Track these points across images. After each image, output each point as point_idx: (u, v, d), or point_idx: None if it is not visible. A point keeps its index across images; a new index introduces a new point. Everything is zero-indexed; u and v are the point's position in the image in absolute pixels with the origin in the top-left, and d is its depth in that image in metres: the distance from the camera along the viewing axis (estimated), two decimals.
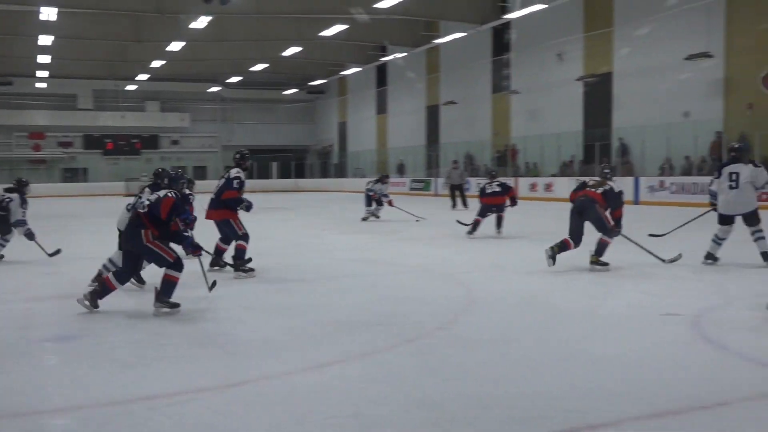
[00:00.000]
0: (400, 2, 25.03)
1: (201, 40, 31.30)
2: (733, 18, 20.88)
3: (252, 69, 39.41)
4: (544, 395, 3.92)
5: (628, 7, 23.98)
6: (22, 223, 9.50)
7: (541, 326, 5.62)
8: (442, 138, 35.22)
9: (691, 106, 22.01)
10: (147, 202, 6.22)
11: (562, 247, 8.04)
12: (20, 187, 9.64)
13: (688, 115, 22.02)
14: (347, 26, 28.99)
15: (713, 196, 8.62)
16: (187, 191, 8.11)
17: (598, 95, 25.76)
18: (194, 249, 6.43)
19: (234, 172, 8.28)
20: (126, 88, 43.16)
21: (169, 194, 6.21)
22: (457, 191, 21.20)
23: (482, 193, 12.50)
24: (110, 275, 6.35)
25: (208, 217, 8.43)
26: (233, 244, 8.37)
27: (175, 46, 30.98)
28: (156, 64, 36.10)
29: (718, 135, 20.87)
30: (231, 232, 8.34)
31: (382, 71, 40.38)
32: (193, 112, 46.68)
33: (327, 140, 48.81)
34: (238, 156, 8.51)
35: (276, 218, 18.44)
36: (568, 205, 8.37)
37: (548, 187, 25.07)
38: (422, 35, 31.94)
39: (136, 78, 40.92)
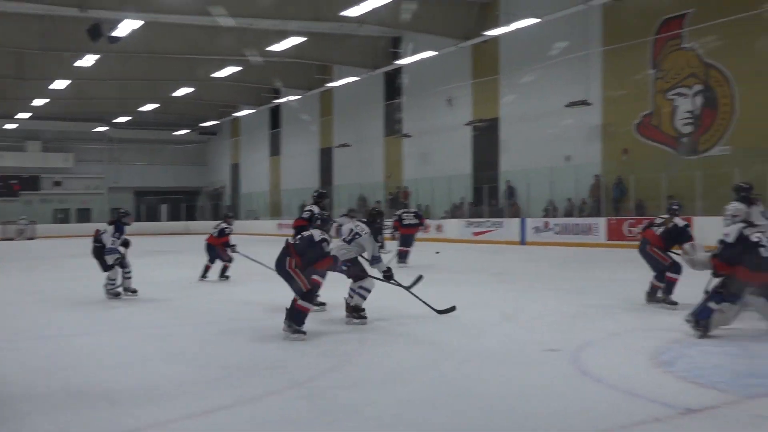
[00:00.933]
0: (293, 46, 25.34)
1: (87, 79, 30.44)
2: (609, 68, 22.28)
3: (141, 109, 38.61)
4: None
5: (512, 56, 25.13)
6: (111, 251, 9.59)
7: (431, 364, 5.74)
8: (335, 180, 35.50)
9: (572, 151, 23.18)
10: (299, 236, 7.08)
11: (669, 289, 8.04)
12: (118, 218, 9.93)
13: (569, 159, 23.18)
14: (240, 68, 29.01)
15: None
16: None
17: (486, 139, 26.73)
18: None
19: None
20: (4, 127, 41.25)
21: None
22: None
23: (401, 224, 13.66)
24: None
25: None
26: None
27: (60, 84, 29.98)
28: (38, 102, 34.77)
29: (596, 178, 22.05)
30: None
31: (275, 113, 40.47)
32: (77, 153, 45.08)
33: (219, 182, 48.19)
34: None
35: (163, 262, 17.97)
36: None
37: (439, 228, 25.65)
38: (316, 78, 32.31)
39: (16, 116, 39.22)
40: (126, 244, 9.85)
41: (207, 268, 12.24)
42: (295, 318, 6.65)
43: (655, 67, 21.05)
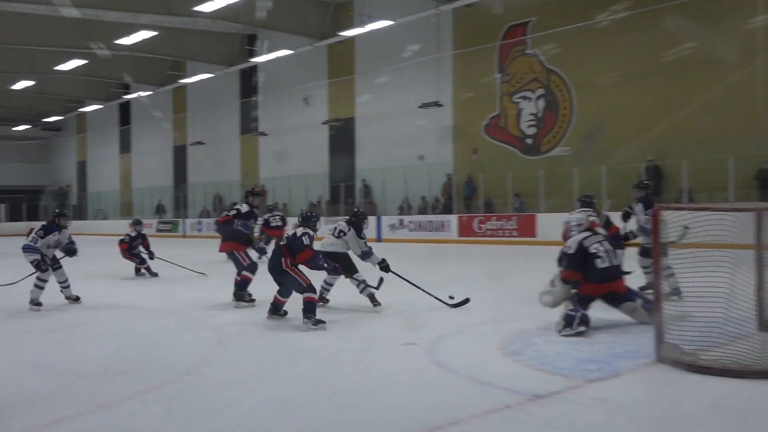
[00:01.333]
0: (143, 40, 24.34)
1: None
2: (460, 72, 23.04)
3: None
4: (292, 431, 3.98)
5: (368, 57, 25.42)
6: (27, 249, 8.91)
7: (290, 363, 5.70)
8: (190, 178, 34.48)
9: (425, 150, 23.78)
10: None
11: None
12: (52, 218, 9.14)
13: (422, 159, 23.76)
14: (86, 61, 27.53)
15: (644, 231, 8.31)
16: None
17: (342, 138, 26.89)
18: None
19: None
20: None
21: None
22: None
23: (267, 226, 13.97)
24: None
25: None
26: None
27: None
28: None
29: (448, 177, 22.75)
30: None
31: (125, 109, 38.73)
32: None
33: (64, 180, 45.47)
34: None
35: (7, 265, 16.68)
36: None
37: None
38: (168, 74, 31.24)
39: None
40: (70, 252, 9.15)
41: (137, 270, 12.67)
42: (309, 311, 6.92)
43: (502, 71, 22.00)
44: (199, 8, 20.62)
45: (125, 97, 35.94)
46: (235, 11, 21.99)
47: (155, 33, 24.23)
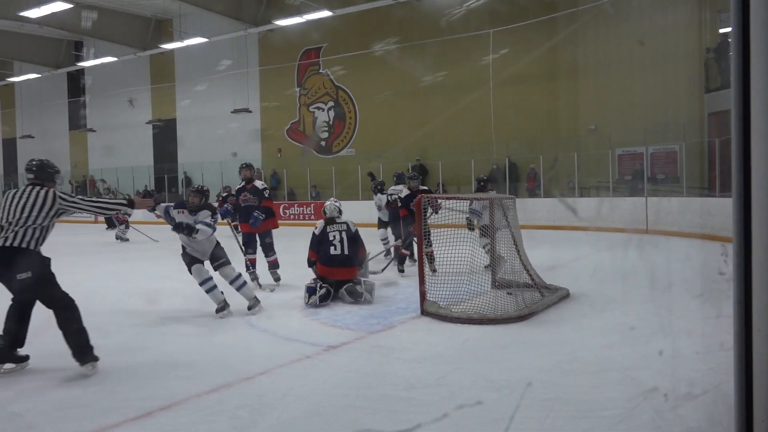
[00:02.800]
0: None
1: None
2: (265, 84, 22.56)
3: None
4: (119, 389, 3.69)
5: (187, 67, 24.06)
6: None
7: (111, 334, 5.27)
8: (20, 169, 30.58)
9: (237, 148, 23.07)
10: None
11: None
12: None
13: (235, 155, 23.05)
14: None
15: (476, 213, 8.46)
16: None
17: (165, 136, 25.30)
18: None
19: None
20: None
21: None
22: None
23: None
24: None
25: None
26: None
27: None
28: None
29: (257, 170, 22.21)
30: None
31: None
32: None
33: None
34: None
35: None
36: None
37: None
38: None
39: None
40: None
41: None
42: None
43: (300, 86, 21.90)
44: (24, 13, 18.21)
45: None
46: (61, 19, 19.75)
47: None
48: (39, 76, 25.82)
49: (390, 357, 4.33)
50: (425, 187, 8.24)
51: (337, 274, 6.26)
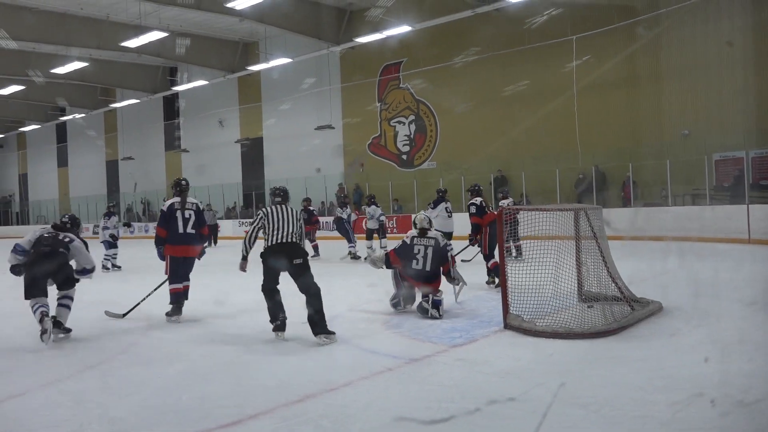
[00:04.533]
0: (75, 69, 22.93)
1: None
2: (347, 101, 23.04)
3: None
4: (211, 397, 3.86)
5: (272, 87, 25.00)
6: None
7: (205, 342, 5.52)
8: (121, 188, 32.72)
9: (321, 164, 23.65)
10: None
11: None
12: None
13: (319, 171, 23.64)
14: (24, 87, 25.61)
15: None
16: None
17: (252, 154, 26.34)
18: None
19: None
20: None
21: None
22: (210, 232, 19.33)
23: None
24: None
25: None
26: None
27: None
28: None
29: (339, 186, 22.69)
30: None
31: (62, 128, 36.20)
32: None
33: (7, 190, 42.05)
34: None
35: None
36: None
37: (217, 227, 24.72)
38: (100, 99, 29.52)
39: None
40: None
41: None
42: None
43: (381, 101, 22.20)
44: (125, 44, 19.60)
45: (61, 118, 33.63)
46: (157, 47, 21.05)
47: (86, 64, 22.83)
48: (138, 101, 27.57)
49: (472, 371, 4.30)
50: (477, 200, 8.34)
51: (419, 287, 6.33)
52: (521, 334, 5.18)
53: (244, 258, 5.70)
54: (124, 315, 6.72)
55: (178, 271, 6.53)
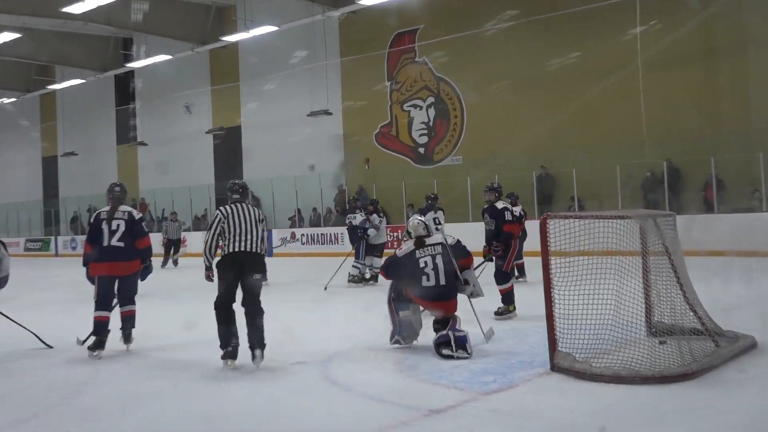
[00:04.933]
0: (5, 42, 23.15)
1: None
2: (348, 79, 23.15)
3: None
4: None
5: (253, 63, 25.16)
6: None
7: (170, 388, 5.51)
8: (62, 192, 32.96)
9: (315, 160, 23.74)
10: None
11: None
12: None
13: (313, 168, 23.71)
14: None
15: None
16: None
17: (228, 148, 26.51)
18: None
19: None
20: None
21: None
22: (173, 246, 19.12)
23: None
24: None
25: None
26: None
27: None
28: None
29: (340, 188, 22.74)
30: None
31: None
32: None
33: None
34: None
35: None
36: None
37: (184, 242, 24.84)
38: (35, 79, 29.79)
39: None
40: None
41: None
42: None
43: (391, 79, 22.29)
44: (67, 9, 19.74)
45: None
46: (108, 13, 21.25)
47: (18, 35, 23.04)
48: (83, 81, 27.81)
49: (511, 425, 4.27)
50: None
51: (437, 310, 6.33)
52: (573, 378, 5.15)
53: (209, 268, 6.17)
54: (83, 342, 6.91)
55: (106, 295, 6.74)
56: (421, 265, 6.41)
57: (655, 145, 16.81)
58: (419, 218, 6.85)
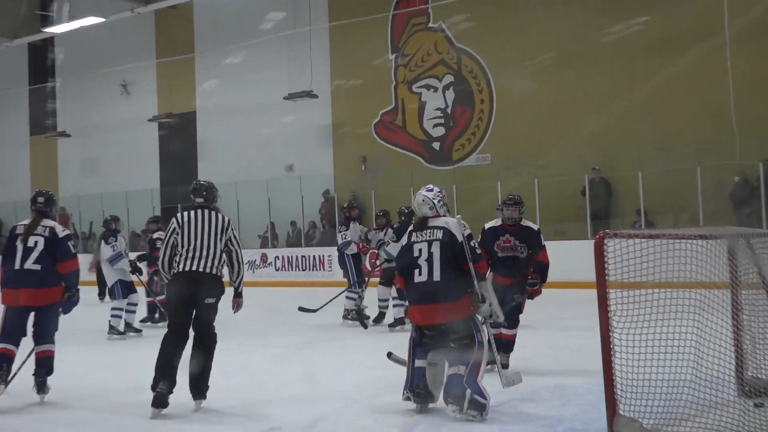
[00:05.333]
0: None
1: None
2: (339, 51, 23.21)
3: None
4: None
5: (212, 29, 25.06)
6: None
7: None
8: None
9: (295, 158, 23.73)
10: None
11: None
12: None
13: (291, 169, 23.68)
14: None
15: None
16: None
17: (178, 141, 26.51)
18: None
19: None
20: None
21: None
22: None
23: None
24: None
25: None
26: None
27: None
28: None
29: (326, 195, 22.66)
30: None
31: None
32: None
33: None
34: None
35: None
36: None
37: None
38: None
39: None
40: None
41: None
42: None
43: (397, 51, 22.28)
44: None
45: None
46: None
47: None
48: None
49: None
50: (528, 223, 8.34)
51: (421, 315, 6.17)
52: None
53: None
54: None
55: (13, 328, 6.87)
56: (415, 253, 6.28)
57: (747, 141, 16.83)
58: (425, 194, 6.66)
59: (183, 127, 26.44)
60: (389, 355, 6.61)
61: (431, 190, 6.65)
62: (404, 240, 6.53)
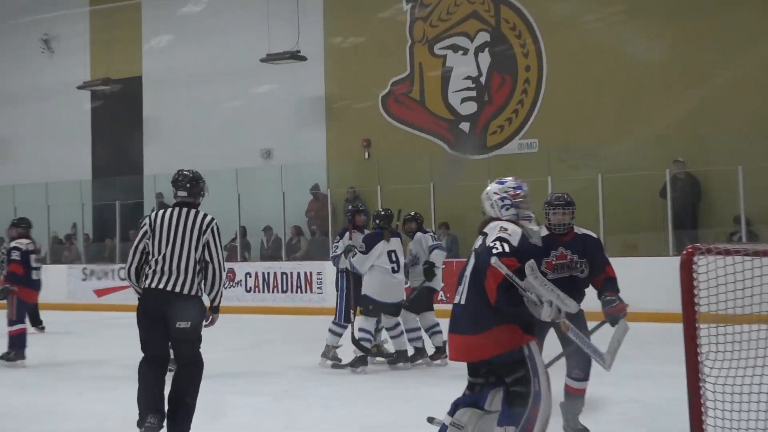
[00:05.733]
0: None
1: None
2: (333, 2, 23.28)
3: None
4: None
5: None
6: None
7: None
8: None
9: (274, 142, 23.78)
10: None
11: None
12: None
13: (269, 156, 23.71)
14: None
15: None
16: None
17: (118, 117, 26.66)
18: None
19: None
20: None
21: None
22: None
23: None
24: None
25: None
26: None
27: None
28: None
29: (315, 191, 22.62)
30: None
31: None
32: None
33: None
34: None
35: None
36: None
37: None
38: None
39: None
40: None
41: None
42: None
43: (413, 0, 22.32)
44: None
45: None
46: None
47: None
48: None
49: None
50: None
51: (450, 347, 6.16)
52: None
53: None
54: None
55: None
56: (465, 270, 6.26)
57: None
58: (490, 187, 6.54)
59: (124, 97, 26.51)
60: (431, 420, 6.38)
61: (502, 183, 6.54)
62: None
